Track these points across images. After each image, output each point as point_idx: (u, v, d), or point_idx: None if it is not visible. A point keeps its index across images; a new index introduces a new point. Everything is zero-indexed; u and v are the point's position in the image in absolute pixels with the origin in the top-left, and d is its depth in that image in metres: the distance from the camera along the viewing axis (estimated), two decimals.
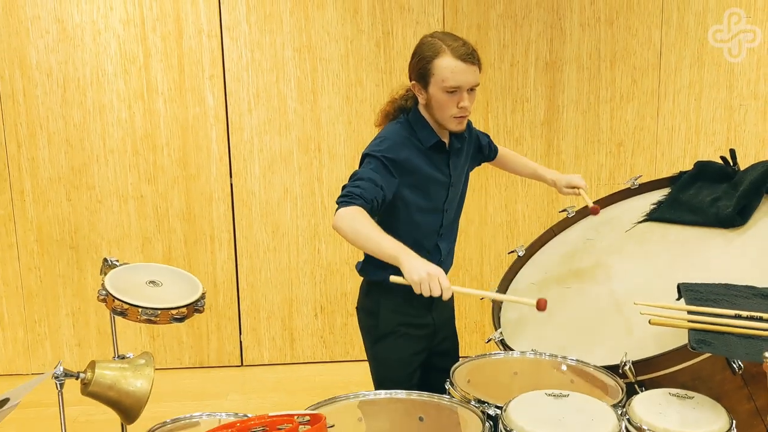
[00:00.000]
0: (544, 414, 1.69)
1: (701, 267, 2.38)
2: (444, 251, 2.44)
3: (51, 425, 3.79)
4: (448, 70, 2.14)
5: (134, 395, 1.85)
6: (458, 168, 2.41)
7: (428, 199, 2.32)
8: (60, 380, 1.81)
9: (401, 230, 2.26)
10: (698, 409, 1.71)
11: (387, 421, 1.82)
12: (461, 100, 2.18)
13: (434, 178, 2.31)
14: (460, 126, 2.26)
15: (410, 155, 2.24)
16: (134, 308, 2.04)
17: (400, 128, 2.30)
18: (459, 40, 2.19)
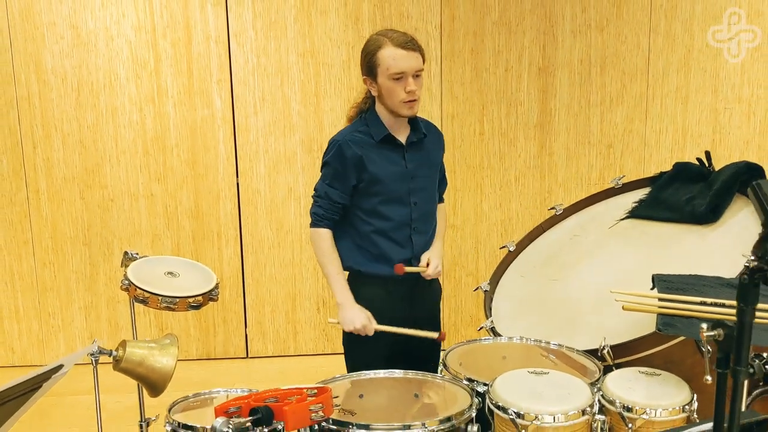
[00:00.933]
0: (526, 389, 1.88)
1: (677, 260, 2.57)
2: (419, 245, 2.53)
3: (69, 413, 3.99)
4: (391, 57, 2.33)
5: (160, 371, 2.05)
6: (418, 161, 2.52)
7: (389, 192, 2.46)
8: (95, 357, 2.01)
9: (369, 222, 2.46)
10: (663, 385, 1.90)
11: (385, 397, 2.01)
12: (407, 84, 2.35)
13: (388, 172, 2.45)
14: (412, 110, 2.42)
15: (360, 151, 2.42)
16: (155, 296, 2.24)
17: (351, 128, 2.51)
18: (398, 32, 2.39)
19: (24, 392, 1.27)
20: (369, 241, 2.48)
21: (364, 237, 2.48)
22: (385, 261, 2.48)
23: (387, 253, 2.48)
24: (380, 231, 2.47)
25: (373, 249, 2.48)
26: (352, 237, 2.51)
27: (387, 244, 2.48)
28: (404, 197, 2.49)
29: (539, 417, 1.76)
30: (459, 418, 1.80)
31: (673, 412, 1.81)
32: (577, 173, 4.70)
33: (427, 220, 2.58)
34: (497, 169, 4.67)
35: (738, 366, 1.15)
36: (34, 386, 1.29)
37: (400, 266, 2.42)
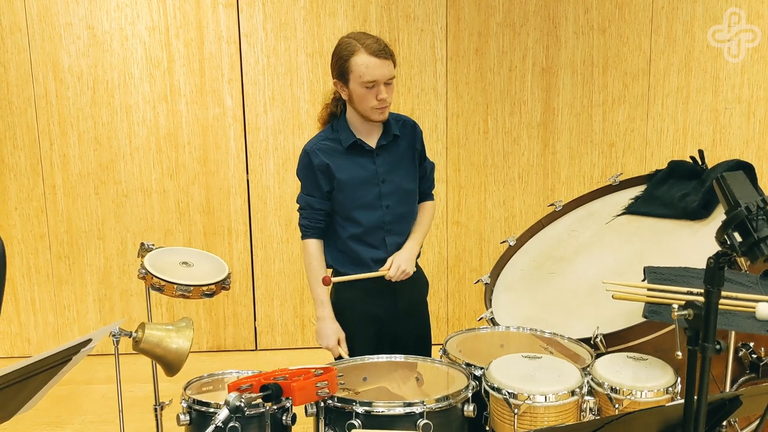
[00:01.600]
0: (520, 372, 1.99)
1: (670, 254, 2.67)
2: (392, 247, 2.56)
3: (83, 401, 4.12)
4: (364, 66, 2.33)
5: (177, 352, 2.17)
6: (389, 164, 2.54)
7: (358, 197, 2.50)
8: (116, 337, 2.13)
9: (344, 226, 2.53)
10: (649, 369, 2.01)
11: (388, 380, 2.13)
12: (379, 93, 2.37)
13: (356, 177, 2.49)
14: (382, 116, 2.44)
15: (327, 159, 2.47)
16: (170, 285, 2.36)
17: (321, 134, 2.55)
18: (372, 38, 2.38)
19: (55, 364, 1.39)
20: (346, 245, 2.55)
21: (342, 241, 2.55)
22: (361, 264, 2.54)
23: (362, 256, 2.54)
24: (355, 235, 2.53)
25: (350, 252, 2.55)
26: (334, 241, 2.59)
27: (361, 247, 2.54)
28: (375, 201, 2.52)
29: (531, 397, 1.88)
30: (456, 398, 1.92)
31: (657, 393, 1.92)
32: (580, 171, 4.80)
33: (402, 221, 2.60)
34: (501, 167, 4.78)
35: (706, 342, 1.26)
36: (64, 359, 1.40)
37: (327, 278, 2.47)
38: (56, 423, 3.85)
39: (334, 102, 2.57)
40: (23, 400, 1.47)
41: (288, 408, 1.94)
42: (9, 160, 4.57)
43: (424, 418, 1.84)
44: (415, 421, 1.84)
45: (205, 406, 1.93)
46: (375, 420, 1.84)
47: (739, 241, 1.21)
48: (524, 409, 1.87)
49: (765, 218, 1.17)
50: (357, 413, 1.85)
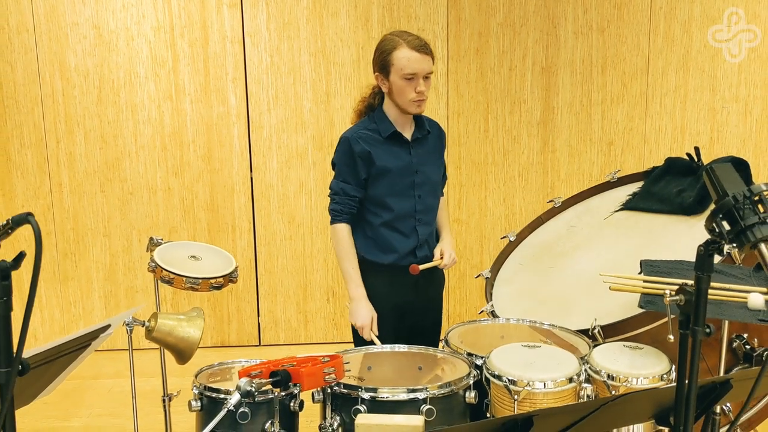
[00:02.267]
0: (520, 360, 2.06)
1: (666, 248, 2.74)
2: (423, 235, 2.70)
3: (90, 395, 4.19)
4: (405, 59, 2.48)
5: (188, 340, 2.24)
6: (422, 156, 2.69)
7: (393, 184, 2.63)
8: (130, 327, 2.20)
9: (376, 213, 2.64)
10: (645, 357, 2.08)
11: (391, 370, 2.19)
12: (418, 85, 2.51)
13: (394, 165, 2.62)
14: (419, 109, 2.59)
15: (368, 147, 2.59)
16: (179, 277, 2.42)
17: (360, 124, 2.67)
18: (413, 35, 2.54)
19: (75, 349, 1.46)
20: (377, 232, 2.65)
21: (373, 228, 2.66)
22: (391, 251, 2.66)
23: (393, 244, 2.66)
24: (387, 222, 2.65)
25: (381, 239, 2.66)
26: (363, 228, 2.68)
27: (393, 235, 2.66)
28: (408, 190, 2.65)
29: (530, 384, 1.94)
30: (458, 384, 1.99)
31: (653, 380, 1.99)
32: (579, 169, 4.87)
33: (430, 212, 2.75)
34: (501, 166, 4.85)
35: (696, 326, 1.32)
36: (83, 344, 1.47)
37: (415, 267, 2.58)
38: (64, 416, 3.92)
39: (372, 95, 2.71)
40: (45, 383, 1.54)
41: (296, 394, 2.00)
42: (16, 159, 4.64)
43: (427, 403, 1.90)
44: (418, 407, 1.90)
45: (215, 392, 2.00)
46: (380, 405, 1.91)
47: (727, 229, 1.28)
48: (524, 395, 1.94)
49: (751, 207, 1.23)
50: (363, 399, 1.92)
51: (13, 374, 1.11)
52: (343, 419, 1.96)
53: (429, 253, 2.75)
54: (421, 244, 2.70)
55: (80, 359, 1.53)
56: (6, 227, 1.16)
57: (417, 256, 2.69)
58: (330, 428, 1.96)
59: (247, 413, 1.91)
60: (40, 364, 1.25)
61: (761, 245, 1.23)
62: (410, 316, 2.72)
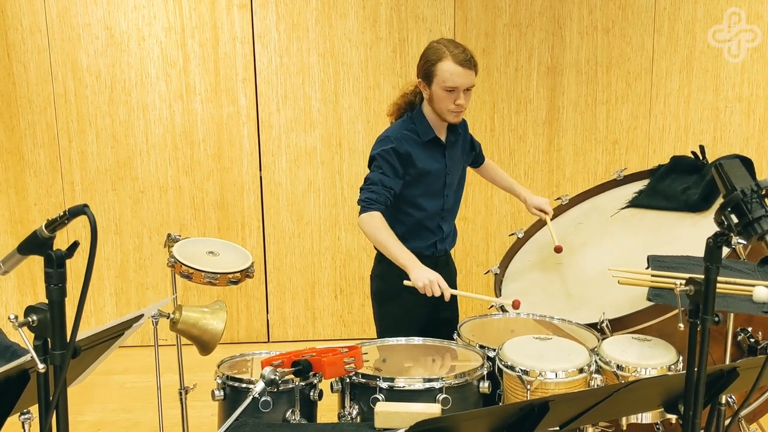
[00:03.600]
0: (531, 351, 2.13)
1: (672, 244, 2.80)
2: (446, 231, 2.84)
3: (102, 391, 4.26)
4: (449, 72, 2.53)
5: (212, 332, 2.31)
6: (454, 158, 2.80)
7: (428, 185, 2.72)
8: (155, 319, 2.27)
9: (408, 212, 2.72)
10: (653, 348, 2.14)
11: (406, 361, 2.26)
12: (458, 98, 2.57)
13: (432, 168, 2.71)
14: (456, 119, 2.67)
15: (409, 148, 2.65)
16: (198, 272, 2.49)
17: (401, 125, 2.72)
18: (460, 47, 2.57)
19: (110, 337, 1.52)
20: (404, 226, 2.73)
21: (401, 224, 2.72)
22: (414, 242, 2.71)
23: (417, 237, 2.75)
24: (416, 220, 2.74)
25: (408, 232, 2.73)
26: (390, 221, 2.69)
27: (419, 230, 2.76)
28: (440, 191, 2.77)
29: (542, 374, 2.01)
30: (472, 375, 2.05)
31: (661, 370, 2.05)
32: (584, 168, 4.93)
33: (453, 210, 2.89)
34: (507, 164, 4.91)
35: (705, 315, 1.39)
36: (117, 333, 1.53)
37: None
38: (77, 411, 3.99)
39: (413, 93, 2.76)
40: (78, 372, 1.60)
41: (315, 384, 2.07)
42: (29, 157, 4.71)
43: (443, 392, 1.97)
44: (434, 396, 1.97)
45: (238, 382, 2.06)
46: (397, 394, 1.97)
47: (736, 221, 1.34)
48: (536, 385, 2.00)
49: (758, 201, 1.30)
50: (381, 388, 1.98)
51: (68, 356, 1.18)
52: (361, 408, 2.03)
53: (449, 246, 2.88)
54: (443, 238, 2.83)
55: (113, 348, 1.59)
56: (63, 218, 1.23)
57: (437, 247, 2.81)
58: (349, 416, 2.02)
59: (269, 402, 1.97)
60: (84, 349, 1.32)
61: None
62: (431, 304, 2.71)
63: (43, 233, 1.25)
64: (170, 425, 3.72)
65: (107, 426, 3.82)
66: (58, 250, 1.22)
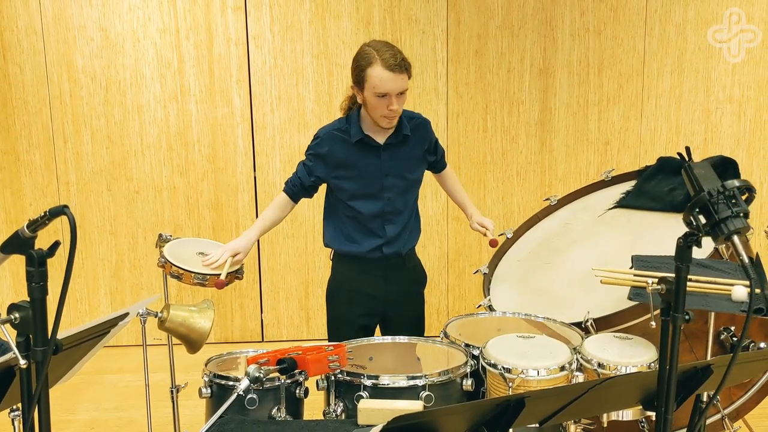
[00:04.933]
0: (514, 349, 2.16)
1: (657, 244, 2.83)
2: (391, 233, 2.76)
3: (96, 390, 4.29)
4: (378, 78, 2.46)
5: (199, 331, 2.34)
6: (395, 160, 2.71)
7: (361, 187, 2.69)
8: (143, 317, 2.30)
9: (347, 213, 2.75)
10: (634, 347, 2.18)
11: (392, 359, 2.29)
12: (390, 103, 2.51)
13: (361, 169, 2.68)
14: (390, 124, 2.62)
15: (335, 149, 2.67)
16: (188, 273, 2.52)
17: (335, 124, 2.75)
18: (391, 50, 2.49)
19: (95, 335, 1.55)
20: (345, 226, 2.77)
21: (342, 222, 2.77)
22: (356, 243, 2.76)
23: (358, 238, 2.76)
24: (355, 219, 2.75)
25: (348, 233, 2.77)
26: (335, 222, 2.80)
27: (361, 230, 2.75)
28: (377, 193, 2.71)
29: (524, 371, 2.04)
30: (455, 372, 2.09)
31: (641, 368, 2.09)
32: (576, 169, 4.96)
33: (401, 213, 2.78)
34: (500, 165, 4.94)
35: (676, 313, 1.42)
36: (103, 331, 1.57)
37: (495, 241, 2.76)
38: (71, 410, 4.01)
39: (353, 96, 2.74)
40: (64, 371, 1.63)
41: (301, 382, 2.11)
42: (24, 158, 4.74)
43: (426, 390, 2.00)
44: (418, 393, 2.00)
45: (224, 379, 2.10)
46: (381, 391, 2.01)
47: (703, 222, 1.38)
48: (518, 383, 2.04)
49: (725, 201, 1.33)
50: (365, 386, 2.02)
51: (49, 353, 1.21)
52: (346, 405, 2.06)
53: (399, 249, 2.80)
54: (389, 242, 2.76)
55: (99, 346, 1.62)
56: (44, 218, 1.26)
57: (383, 252, 2.76)
58: (334, 413, 2.06)
59: (255, 399, 2.01)
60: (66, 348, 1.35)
61: (734, 237, 1.32)
62: (381, 307, 2.81)
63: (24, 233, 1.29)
64: (163, 424, 3.75)
65: (100, 425, 3.85)
66: (39, 250, 1.25)
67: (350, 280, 2.80)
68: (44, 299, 1.28)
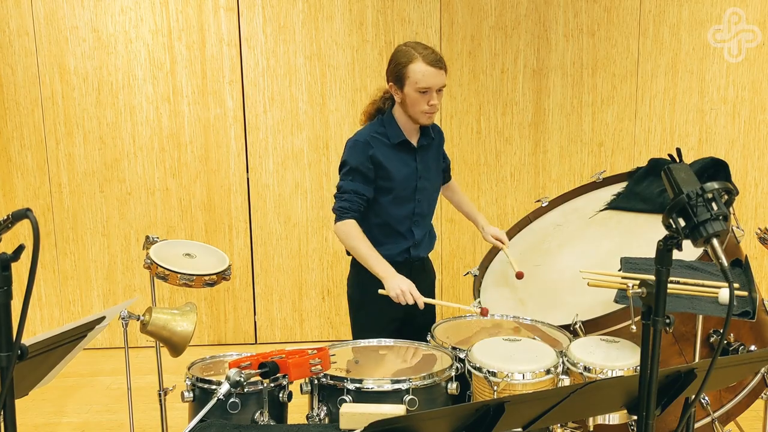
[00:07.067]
0: (500, 352, 2.14)
1: (647, 246, 2.80)
2: (418, 236, 2.80)
3: (88, 392, 4.27)
4: (421, 73, 2.54)
5: (181, 334, 2.32)
6: (426, 162, 2.79)
7: (399, 189, 2.71)
8: (125, 321, 2.29)
9: (377, 217, 2.73)
10: (620, 350, 2.16)
11: (378, 363, 2.28)
12: (431, 99, 2.59)
13: (402, 171, 2.71)
14: (430, 120, 2.68)
15: (377, 152, 2.66)
16: (174, 274, 2.51)
17: (370, 128, 2.73)
18: (429, 48, 2.60)
19: (71, 339, 1.53)
20: (374, 229, 2.74)
21: (371, 226, 2.74)
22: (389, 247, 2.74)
23: (387, 241, 2.75)
24: (385, 223, 2.75)
25: (377, 236, 2.74)
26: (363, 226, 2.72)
27: (390, 234, 2.76)
28: (411, 195, 2.76)
29: (510, 375, 2.03)
30: (440, 376, 2.07)
31: (627, 372, 2.07)
32: (570, 170, 4.95)
33: (427, 215, 2.87)
34: (494, 166, 4.93)
35: (656, 317, 1.40)
36: (79, 335, 1.55)
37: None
38: (62, 413, 4.00)
39: (382, 100, 2.78)
40: (42, 374, 1.62)
41: (284, 386, 2.09)
42: (16, 159, 4.72)
43: (410, 393, 1.99)
44: (401, 397, 1.99)
45: (207, 383, 2.08)
46: (365, 396, 1.99)
47: (683, 225, 1.36)
48: (503, 386, 2.02)
49: (704, 204, 1.31)
50: (348, 390, 2.00)
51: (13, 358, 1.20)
52: (329, 409, 2.05)
53: (424, 253, 2.87)
54: (415, 244, 2.81)
55: (77, 350, 1.61)
56: (6, 222, 1.24)
57: (411, 254, 2.80)
58: (317, 418, 2.04)
59: (237, 403, 1.99)
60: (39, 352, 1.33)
61: (713, 240, 1.31)
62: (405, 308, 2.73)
63: None
64: (153, 426, 3.74)
65: (91, 427, 3.83)
66: (3, 254, 1.23)
67: (376, 283, 2.68)
68: (8, 304, 1.25)
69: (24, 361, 1.36)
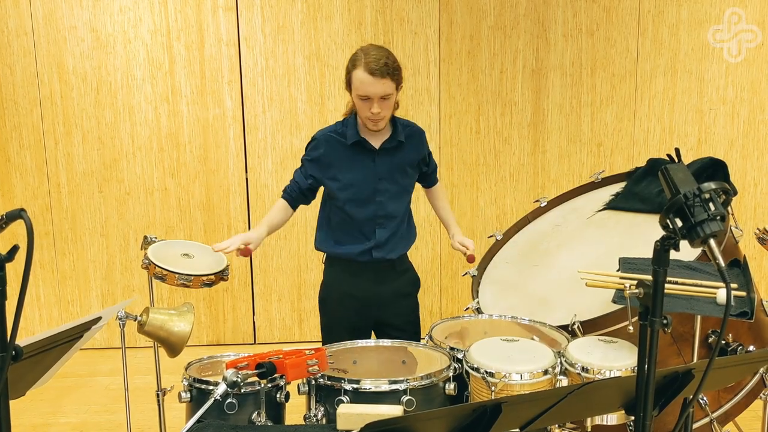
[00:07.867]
0: (498, 353, 2.14)
1: (645, 246, 2.79)
2: (381, 238, 2.74)
3: (87, 392, 4.27)
4: (359, 81, 2.49)
5: (178, 334, 2.32)
6: (389, 165, 2.71)
7: (354, 190, 2.69)
8: (122, 321, 2.28)
9: (337, 216, 2.76)
10: (618, 350, 2.16)
11: (376, 363, 2.27)
12: (371, 107, 2.52)
13: (355, 172, 2.68)
14: (375, 126, 2.61)
15: (329, 151, 2.68)
16: (172, 274, 2.50)
17: (333, 126, 2.75)
18: (375, 54, 2.50)
19: (67, 340, 1.53)
20: (336, 228, 2.77)
21: (333, 225, 2.78)
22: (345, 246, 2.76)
23: (348, 241, 2.76)
24: (346, 222, 2.74)
25: (338, 235, 2.77)
26: (327, 226, 2.81)
27: (351, 233, 2.75)
28: (371, 196, 2.71)
29: (507, 375, 2.02)
30: (438, 376, 2.07)
31: (625, 372, 2.07)
32: (569, 170, 4.95)
33: (393, 217, 2.78)
34: (492, 166, 4.93)
35: (653, 317, 1.40)
36: (76, 335, 1.55)
37: (472, 256, 2.73)
38: (61, 413, 4.00)
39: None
40: (39, 374, 1.61)
41: (282, 386, 2.09)
42: (15, 159, 4.72)
43: (407, 394, 1.98)
44: (399, 398, 1.98)
45: (204, 384, 2.08)
46: (362, 396, 1.99)
47: (680, 225, 1.36)
48: (501, 386, 2.02)
49: (701, 204, 1.31)
50: (346, 390, 2.00)
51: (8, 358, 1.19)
52: (327, 410, 2.04)
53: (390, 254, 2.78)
54: (378, 246, 2.75)
55: (73, 350, 1.60)
56: (0, 222, 1.24)
57: (373, 255, 2.75)
58: (314, 418, 2.04)
59: (235, 404, 1.99)
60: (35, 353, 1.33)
61: (710, 240, 1.30)
62: (373, 310, 2.81)
63: None
64: (151, 426, 3.73)
65: (89, 427, 3.83)
66: None
67: (341, 283, 2.80)
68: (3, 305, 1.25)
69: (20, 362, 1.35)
